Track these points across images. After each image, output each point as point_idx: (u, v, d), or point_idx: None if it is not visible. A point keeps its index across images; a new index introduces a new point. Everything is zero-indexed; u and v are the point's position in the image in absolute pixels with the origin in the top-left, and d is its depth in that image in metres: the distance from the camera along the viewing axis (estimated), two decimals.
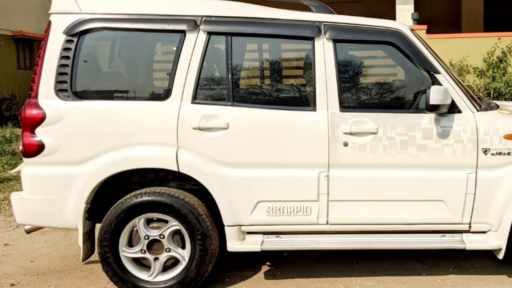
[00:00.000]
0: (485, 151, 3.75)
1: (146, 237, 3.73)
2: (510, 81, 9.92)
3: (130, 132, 3.69)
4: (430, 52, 3.86)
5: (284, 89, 4.08)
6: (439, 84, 3.74)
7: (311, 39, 3.77)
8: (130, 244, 3.78)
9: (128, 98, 3.80)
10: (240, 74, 4.01)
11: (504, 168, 3.76)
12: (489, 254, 4.22)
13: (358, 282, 4.00)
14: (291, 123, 3.73)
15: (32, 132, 3.69)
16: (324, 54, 3.76)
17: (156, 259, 3.76)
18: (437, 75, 3.77)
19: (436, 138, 3.73)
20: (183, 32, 3.73)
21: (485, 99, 4.55)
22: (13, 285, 4.09)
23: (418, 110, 3.77)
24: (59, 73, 3.69)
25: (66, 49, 3.70)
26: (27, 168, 3.79)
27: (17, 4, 15.67)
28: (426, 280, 4.01)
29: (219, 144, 3.71)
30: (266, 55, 4.20)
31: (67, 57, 3.69)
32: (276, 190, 3.76)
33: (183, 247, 3.79)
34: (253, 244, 3.81)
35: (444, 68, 3.84)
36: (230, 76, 3.77)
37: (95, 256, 3.81)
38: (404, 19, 10.45)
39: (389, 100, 4.07)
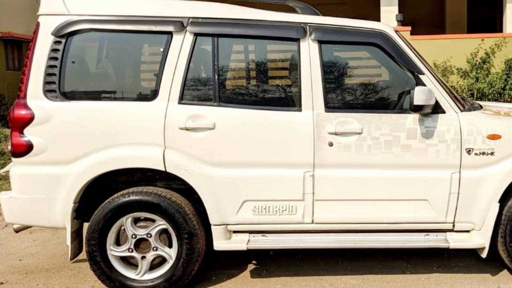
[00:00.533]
0: (469, 151, 3.86)
1: (134, 236, 3.84)
2: (493, 82, 10.10)
3: (117, 132, 3.79)
4: (414, 53, 3.97)
5: (270, 89, 4.18)
6: (423, 84, 3.84)
7: (297, 40, 3.88)
8: (118, 243, 3.88)
9: (115, 99, 3.88)
10: (227, 75, 4.12)
11: (487, 168, 3.87)
12: (472, 253, 4.34)
13: (343, 281, 4.10)
14: (276, 123, 3.83)
15: (21, 132, 3.78)
16: (310, 55, 3.86)
17: (143, 257, 3.86)
18: (421, 76, 3.88)
19: (420, 138, 3.83)
20: (170, 33, 3.83)
21: (468, 100, 4.65)
22: (1, 283, 4.19)
23: (402, 111, 3.88)
24: (48, 74, 3.78)
25: (54, 50, 3.80)
26: (16, 168, 3.88)
27: (6, 5, 15.74)
28: (411, 279, 4.11)
29: (206, 144, 3.81)
30: (252, 56, 4.30)
31: (55, 58, 3.79)
32: (262, 190, 3.86)
33: (170, 246, 3.89)
34: (239, 243, 3.92)
35: (428, 69, 3.95)
36: (216, 76, 3.87)
37: (83, 255, 3.89)
38: (388, 20, 10.63)
39: (373, 100, 4.18)
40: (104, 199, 3.86)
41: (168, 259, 3.88)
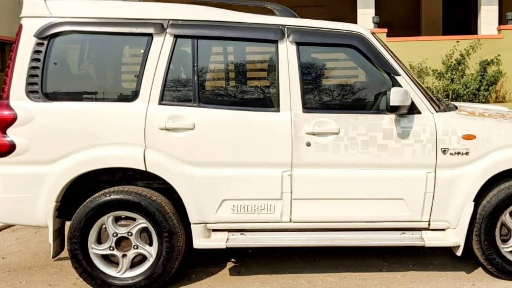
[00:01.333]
0: (444, 151, 4.02)
1: (115, 234, 3.99)
2: (468, 83, 10.34)
3: (99, 133, 3.93)
4: (390, 55, 4.13)
5: (249, 90, 4.35)
6: (399, 85, 4.00)
7: (275, 42, 4.03)
8: (99, 241, 4.02)
9: (97, 99, 4.03)
10: (206, 76, 4.28)
11: (462, 167, 4.03)
12: (448, 251, 4.51)
13: (320, 278, 4.25)
14: (255, 123, 3.98)
15: (4, 132, 3.93)
16: (288, 56, 4.02)
17: (124, 255, 4.02)
18: (397, 77, 4.03)
19: (396, 138, 3.99)
20: (150, 35, 3.98)
21: (444, 101, 4.79)
22: None
23: (378, 111, 4.03)
24: (30, 75, 3.93)
25: (36, 51, 3.95)
26: None
27: None
28: (387, 276, 4.27)
29: (186, 144, 3.96)
30: (231, 57, 4.46)
31: (38, 60, 3.94)
32: (240, 189, 4.01)
33: (151, 244, 4.04)
34: (218, 241, 4.07)
35: (404, 70, 4.11)
36: (196, 78, 4.02)
37: (65, 253, 4.06)
38: (365, 22, 10.93)
39: (350, 101, 4.33)
40: (85, 198, 4.01)
41: (149, 257, 4.03)
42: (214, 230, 4.13)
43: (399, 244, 4.10)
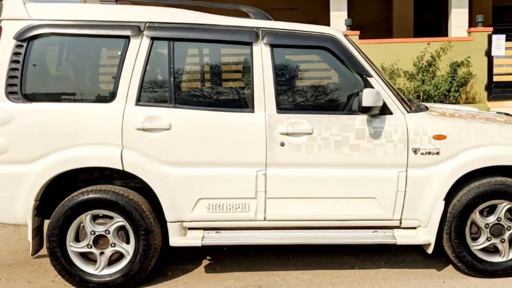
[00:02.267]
0: (415, 151, 4.18)
1: (92, 232, 4.15)
2: (439, 84, 10.54)
3: (77, 133, 4.09)
4: (362, 57, 4.29)
5: (224, 91, 4.53)
6: (371, 87, 4.17)
7: (249, 44, 4.19)
8: (77, 239, 4.19)
9: (75, 100, 4.20)
10: (182, 77, 4.44)
11: (433, 167, 4.19)
12: (419, 249, 4.67)
13: (294, 276, 4.41)
14: (230, 124, 4.14)
15: None
16: (262, 58, 4.18)
17: (101, 253, 4.18)
18: (369, 79, 4.19)
19: (368, 138, 4.15)
20: (127, 37, 4.15)
21: (415, 101, 4.94)
22: None
23: (351, 112, 4.20)
24: (10, 77, 4.09)
25: (16, 53, 4.11)
26: None
27: None
28: (359, 274, 4.43)
29: (162, 144, 4.12)
30: (206, 59, 4.64)
31: (17, 61, 4.10)
32: (216, 188, 4.18)
33: (128, 242, 4.20)
34: (194, 239, 4.24)
35: (376, 72, 4.27)
36: (172, 79, 4.18)
37: (44, 251, 4.19)
38: (338, 25, 11.16)
39: (323, 102, 4.50)
40: (64, 197, 4.17)
41: (126, 255, 4.20)
42: (190, 228, 4.29)
43: (371, 242, 4.26)
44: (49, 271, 4.52)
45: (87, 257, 4.23)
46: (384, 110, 4.14)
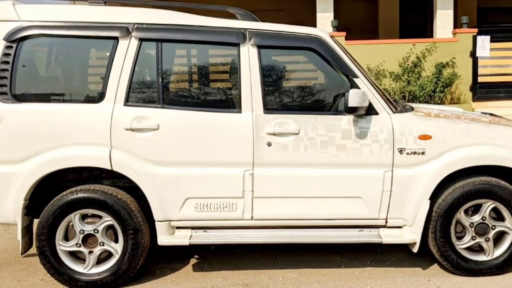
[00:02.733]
0: (401, 151, 4.17)
1: (81, 231, 4.13)
2: (424, 85, 10.58)
3: (66, 133, 4.07)
4: (348, 57, 4.26)
5: (212, 92, 4.49)
6: (357, 87, 4.14)
7: (237, 45, 4.18)
8: (66, 238, 4.17)
9: (64, 101, 4.19)
10: (170, 78, 4.40)
11: (418, 166, 4.18)
12: (404, 248, 4.64)
13: (281, 274, 4.39)
14: (218, 124, 4.13)
15: None
16: (249, 59, 4.17)
17: (90, 252, 4.16)
18: (355, 79, 4.18)
19: (354, 138, 4.14)
20: (116, 38, 4.13)
21: (400, 102, 4.93)
22: None
23: (337, 112, 4.18)
24: None
25: (5, 54, 4.09)
26: None
27: None
28: (345, 272, 4.42)
29: (150, 144, 4.11)
30: (194, 60, 4.61)
31: (7, 62, 4.08)
32: (203, 188, 4.16)
33: (116, 241, 4.19)
34: (182, 238, 4.23)
35: (362, 73, 4.24)
36: (160, 80, 4.16)
37: (34, 250, 4.18)
38: (324, 26, 11.16)
39: (310, 102, 4.50)
40: (53, 197, 4.16)
41: (114, 253, 4.18)
42: (178, 228, 4.27)
43: (357, 241, 4.25)
44: (38, 270, 4.49)
45: (76, 256, 4.21)
46: (370, 110, 4.12)
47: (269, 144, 4.16)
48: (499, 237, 4.36)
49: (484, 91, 11.35)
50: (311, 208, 4.25)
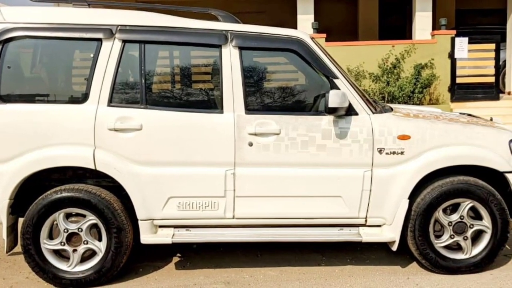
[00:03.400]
0: (380, 151, 4.17)
1: (66, 230, 4.10)
2: (403, 86, 10.63)
3: (50, 133, 4.04)
4: (329, 59, 4.22)
5: (194, 93, 4.43)
6: (337, 88, 4.12)
7: (219, 46, 4.16)
8: (51, 236, 4.14)
9: (49, 101, 4.15)
10: (153, 79, 4.37)
11: (397, 166, 4.18)
12: (384, 246, 4.63)
13: (262, 272, 4.36)
14: (200, 124, 4.11)
15: None
16: (231, 60, 4.15)
17: (74, 250, 4.14)
18: (335, 80, 4.16)
19: (334, 138, 4.12)
20: (99, 40, 4.10)
21: (380, 102, 4.86)
22: None
23: (318, 113, 4.17)
24: None
25: None
26: None
27: None
28: (326, 271, 4.39)
29: (133, 144, 4.08)
30: (177, 61, 4.55)
31: None
32: (186, 187, 4.13)
33: (100, 239, 4.15)
34: (164, 237, 4.20)
35: (342, 74, 4.21)
36: (143, 81, 4.13)
37: (18, 248, 4.15)
38: (305, 28, 11.19)
39: (291, 103, 4.47)
40: (38, 196, 4.14)
41: (98, 252, 4.15)
42: (160, 226, 4.24)
43: (337, 240, 4.22)
44: (23, 268, 4.47)
45: (60, 254, 4.18)
46: (350, 111, 4.11)
47: (251, 144, 4.15)
48: (477, 235, 4.35)
49: (462, 91, 11.40)
50: (292, 207, 4.23)
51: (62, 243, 4.20)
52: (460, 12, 16.63)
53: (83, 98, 4.19)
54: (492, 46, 11.46)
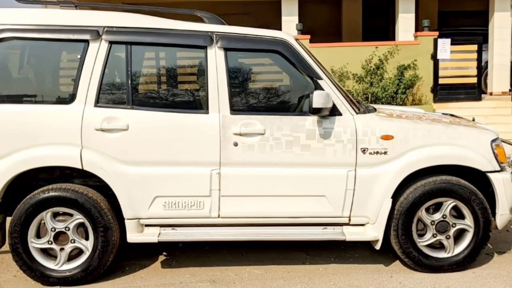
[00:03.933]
0: (364, 151, 4.18)
1: (53, 229, 4.08)
2: (387, 86, 10.71)
3: (38, 133, 4.03)
4: (313, 60, 4.20)
5: (180, 93, 4.39)
6: (321, 89, 4.10)
7: (204, 47, 4.15)
8: (38, 235, 4.12)
9: (36, 102, 4.14)
10: (139, 80, 4.33)
11: (381, 166, 4.17)
12: (367, 245, 4.60)
13: (247, 271, 4.35)
14: (185, 125, 4.09)
15: None
16: (216, 61, 4.14)
17: (62, 249, 4.11)
18: (319, 81, 4.14)
19: (318, 138, 4.11)
20: (86, 41, 4.08)
21: (363, 103, 4.81)
22: None
23: (302, 113, 4.15)
24: None
25: None
26: None
27: None
28: (310, 269, 4.37)
29: (120, 144, 4.06)
30: (163, 62, 4.51)
31: None
32: (172, 186, 4.12)
33: (87, 238, 4.13)
34: (150, 236, 4.18)
35: (326, 75, 4.19)
36: (130, 81, 4.11)
37: (6, 247, 4.15)
38: (289, 29, 11.30)
39: (275, 103, 4.45)
40: (25, 195, 4.13)
41: (85, 250, 4.12)
42: (147, 225, 4.21)
43: (321, 239, 4.22)
44: (11, 266, 4.44)
45: (47, 253, 4.15)
46: (334, 111, 4.11)
47: (236, 144, 4.14)
48: (460, 234, 4.33)
49: (444, 92, 11.48)
50: (276, 206, 4.21)
51: (50, 242, 4.18)
52: (443, 14, 16.76)
53: (70, 98, 4.17)
54: (474, 47, 11.57)
